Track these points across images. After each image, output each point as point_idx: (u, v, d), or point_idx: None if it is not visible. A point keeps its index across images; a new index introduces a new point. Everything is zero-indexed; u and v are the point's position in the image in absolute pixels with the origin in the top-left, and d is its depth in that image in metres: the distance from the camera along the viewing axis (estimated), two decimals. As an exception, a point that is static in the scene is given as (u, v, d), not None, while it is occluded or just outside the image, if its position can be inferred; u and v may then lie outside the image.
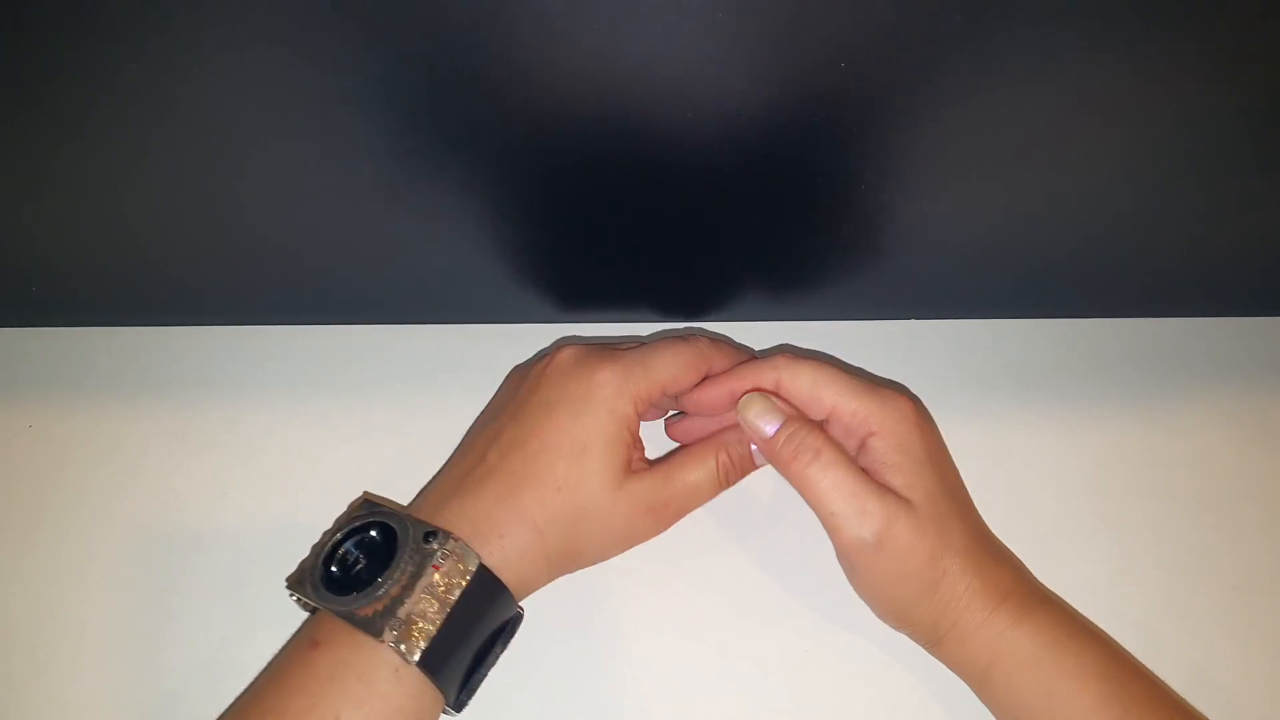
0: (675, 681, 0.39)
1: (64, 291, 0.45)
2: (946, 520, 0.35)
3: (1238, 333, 0.47)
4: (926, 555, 0.34)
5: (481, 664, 0.35)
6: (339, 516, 0.37)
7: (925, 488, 0.35)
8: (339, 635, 0.32)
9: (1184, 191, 0.39)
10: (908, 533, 0.34)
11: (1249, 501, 0.43)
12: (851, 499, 0.34)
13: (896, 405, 0.36)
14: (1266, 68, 0.33)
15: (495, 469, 0.36)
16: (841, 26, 0.31)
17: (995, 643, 0.34)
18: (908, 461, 0.35)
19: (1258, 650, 0.39)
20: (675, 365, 0.38)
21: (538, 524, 0.35)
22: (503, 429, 0.37)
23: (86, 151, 0.36)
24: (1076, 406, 0.45)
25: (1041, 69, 0.33)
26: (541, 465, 0.35)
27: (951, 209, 0.40)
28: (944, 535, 0.35)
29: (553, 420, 0.36)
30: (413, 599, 0.32)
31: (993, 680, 0.35)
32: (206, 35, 0.31)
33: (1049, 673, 0.34)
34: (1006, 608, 0.35)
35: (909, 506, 0.35)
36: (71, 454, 0.44)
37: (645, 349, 0.38)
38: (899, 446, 0.36)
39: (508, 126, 0.35)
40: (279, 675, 0.33)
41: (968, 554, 0.35)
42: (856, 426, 0.36)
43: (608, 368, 0.37)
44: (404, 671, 0.32)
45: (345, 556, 0.34)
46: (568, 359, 0.38)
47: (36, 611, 0.40)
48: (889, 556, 0.34)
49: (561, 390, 0.37)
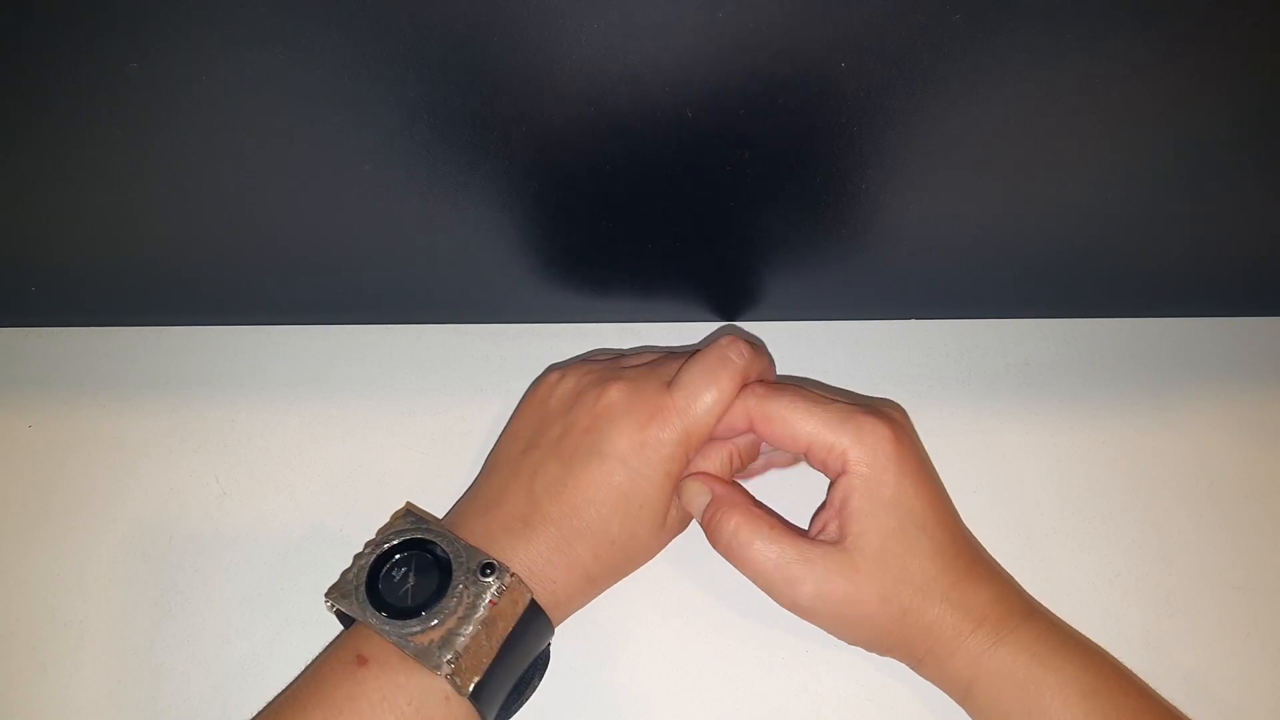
0: (675, 682, 0.39)
1: (64, 291, 0.45)
2: (905, 559, 0.35)
3: (1238, 333, 0.47)
4: (874, 600, 0.34)
5: (519, 692, 0.36)
6: (381, 527, 0.37)
7: (880, 533, 0.35)
8: (391, 658, 0.32)
9: (1184, 191, 0.39)
10: (844, 585, 0.34)
11: (1249, 501, 0.43)
12: (775, 570, 0.35)
13: (873, 439, 0.35)
14: (1266, 68, 0.33)
15: (547, 515, 0.35)
16: (841, 26, 0.31)
17: (974, 664, 0.34)
18: (869, 505, 0.35)
19: (1258, 650, 0.39)
20: (724, 402, 0.37)
21: (590, 573, 0.36)
22: (549, 468, 0.36)
23: (86, 151, 0.36)
24: (1076, 406, 0.45)
25: (1041, 68, 0.33)
26: (596, 519, 0.35)
27: (951, 209, 0.40)
28: (899, 576, 0.34)
29: (608, 476, 0.36)
30: (470, 632, 0.33)
31: (975, 700, 0.35)
32: (205, 34, 0.31)
33: (1030, 691, 0.33)
34: (984, 629, 0.34)
35: (849, 559, 0.34)
36: (71, 454, 0.44)
37: (692, 387, 0.37)
38: (867, 490, 0.35)
39: (507, 126, 0.35)
40: (324, 686, 0.32)
41: (931, 587, 0.35)
42: (832, 462, 0.36)
43: (667, 428, 0.36)
44: (454, 701, 0.32)
45: (391, 572, 0.34)
46: (619, 403, 0.36)
47: (36, 611, 0.40)
48: (831, 609, 0.35)
49: (614, 444, 0.36)
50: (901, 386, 0.45)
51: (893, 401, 0.44)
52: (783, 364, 0.46)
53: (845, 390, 0.45)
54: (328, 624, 0.36)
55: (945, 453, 0.41)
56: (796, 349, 0.47)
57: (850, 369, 0.46)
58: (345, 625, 0.35)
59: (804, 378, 0.46)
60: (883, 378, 0.46)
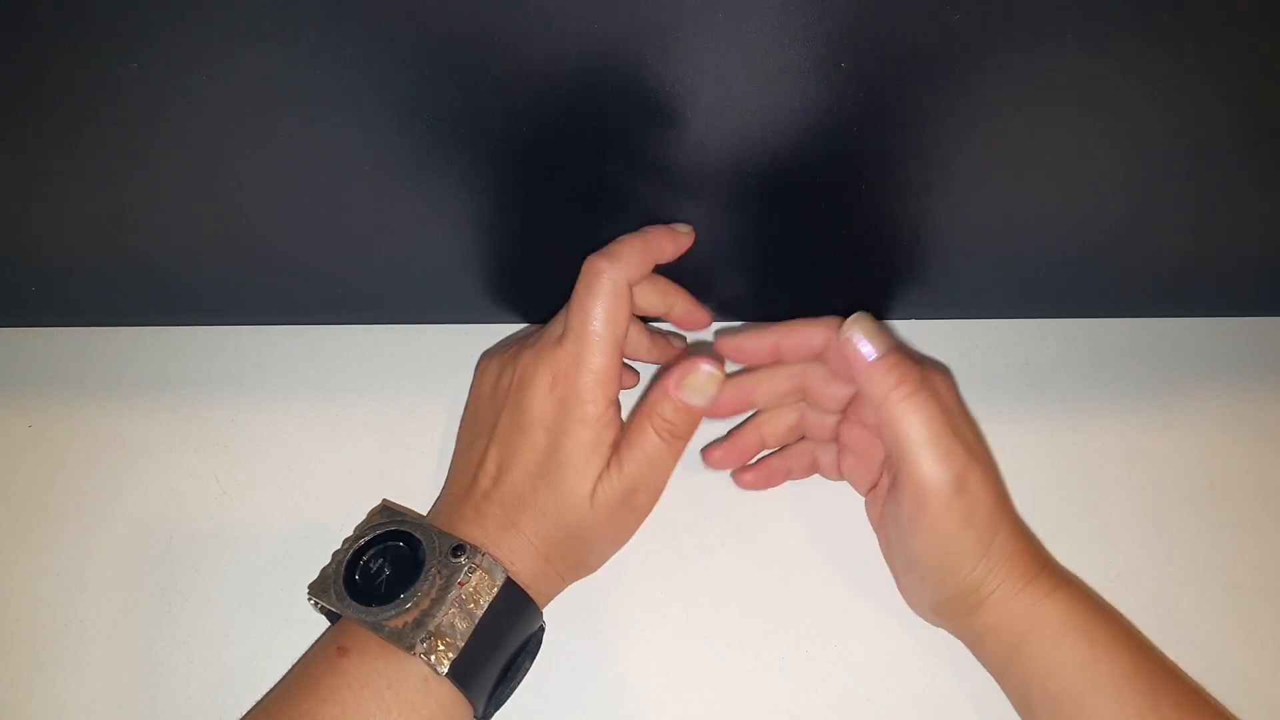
0: (675, 683, 0.39)
1: (64, 291, 0.45)
2: (1001, 485, 0.37)
3: (1238, 333, 0.47)
4: (990, 510, 0.35)
5: (510, 677, 0.36)
6: (359, 523, 0.37)
7: (985, 453, 0.36)
8: (370, 645, 0.33)
9: (1185, 192, 0.39)
10: (981, 483, 0.35)
11: (1250, 501, 0.43)
12: (941, 439, 0.34)
13: (941, 372, 0.38)
14: (1267, 68, 0.33)
15: (490, 495, 0.36)
16: (841, 26, 0.31)
17: (1032, 610, 0.35)
18: (965, 422, 0.36)
19: (1258, 650, 0.39)
20: (611, 327, 0.36)
21: (540, 550, 0.36)
22: (486, 451, 0.37)
23: (86, 151, 0.36)
24: (1076, 406, 0.45)
25: (1041, 69, 0.33)
26: (526, 493, 0.36)
27: (952, 210, 0.40)
28: (1002, 498, 0.36)
29: (532, 445, 0.36)
30: (442, 612, 0.33)
31: (1027, 650, 0.35)
32: (205, 35, 0.31)
33: (1085, 643, 0.34)
34: (1044, 577, 0.36)
35: (981, 459, 0.35)
36: (71, 454, 0.44)
37: (574, 329, 0.36)
38: (955, 408, 0.36)
39: (508, 126, 0.35)
40: (309, 680, 0.33)
41: (1015, 520, 0.37)
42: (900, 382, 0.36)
43: (569, 377, 0.36)
44: (433, 682, 0.32)
45: (369, 565, 0.35)
46: (527, 372, 0.37)
47: (36, 611, 0.40)
48: (962, 503, 0.34)
49: (530, 412, 0.36)
50: (901, 386, 0.45)
51: None
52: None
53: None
54: (327, 624, 0.36)
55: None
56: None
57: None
58: (332, 622, 0.36)
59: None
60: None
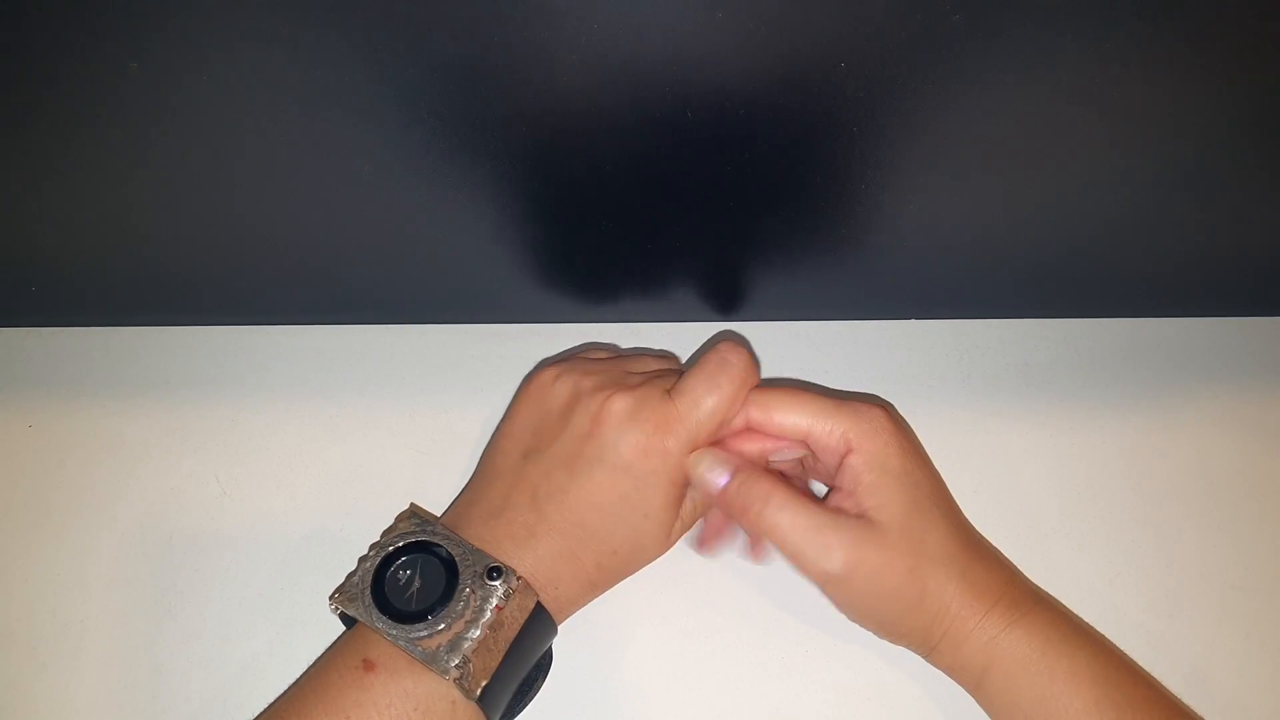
0: (675, 683, 0.39)
1: (64, 291, 0.45)
2: (924, 533, 0.35)
3: (1238, 333, 0.47)
4: (902, 571, 0.34)
5: (524, 693, 0.36)
6: (386, 529, 0.36)
7: (899, 503, 0.35)
8: (398, 662, 0.32)
9: (1184, 191, 0.39)
10: (875, 555, 0.34)
11: (1249, 501, 0.43)
12: (811, 535, 0.34)
13: (870, 419, 0.36)
14: (1267, 68, 0.33)
15: (551, 521, 0.35)
16: (841, 26, 0.31)
17: (989, 648, 0.34)
18: (882, 479, 0.35)
19: (1258, 650, 0.39)
20: (726, 408, 0.36)
21: (592, 579, 0.36)
22: (553, 475, 0.36)
23: (86, 151, 0.36)
24: (1076, 406, 0.45)
25: (1041, 69, 0.33)
26: (601, 528, 0.35)
27: (951, 209, 0.40)
28: (920, 549, 0.35)
29: (613, 485, 0.35)
30: (477, 636, 0.32)
31: (989, 685, 0.35)
32: (205, 34, 0.31)
33: (1043, 676, 0.34)
34: (998, 612, 0.35)
35: (876, 529, 0.34)
36: (71, 454, 0.44)
37: (695, 395, 0.36)
38: (874, 463, 0.36)
39: (508, 126, 0.35)
40: (330, 691, 0.32)
41: (950, 562, 0.35)
42: (834, 445, 0.36)
43: (672, 436, 0.36)
44: (460, 705, 0.32)
45: (396, 574, 0.34)
46: (623, 411, 0.36)
47: (36, 611, 0.40)
48: (861, 581, 0.34)
49: (619, 453, 0.35)
50: (901, 386, 0.45)
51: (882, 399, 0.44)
52: (783, 364, 0.46)
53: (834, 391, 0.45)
54: (328, 624, 0.36)
55: (945, 453, 0.41)
56: (797, 349, 0.47)
57: (850, 369, 0.46)
58: (348, 626, 0.35)
59: (803, 380, 0.46)
60: (883, 378, 0.46)
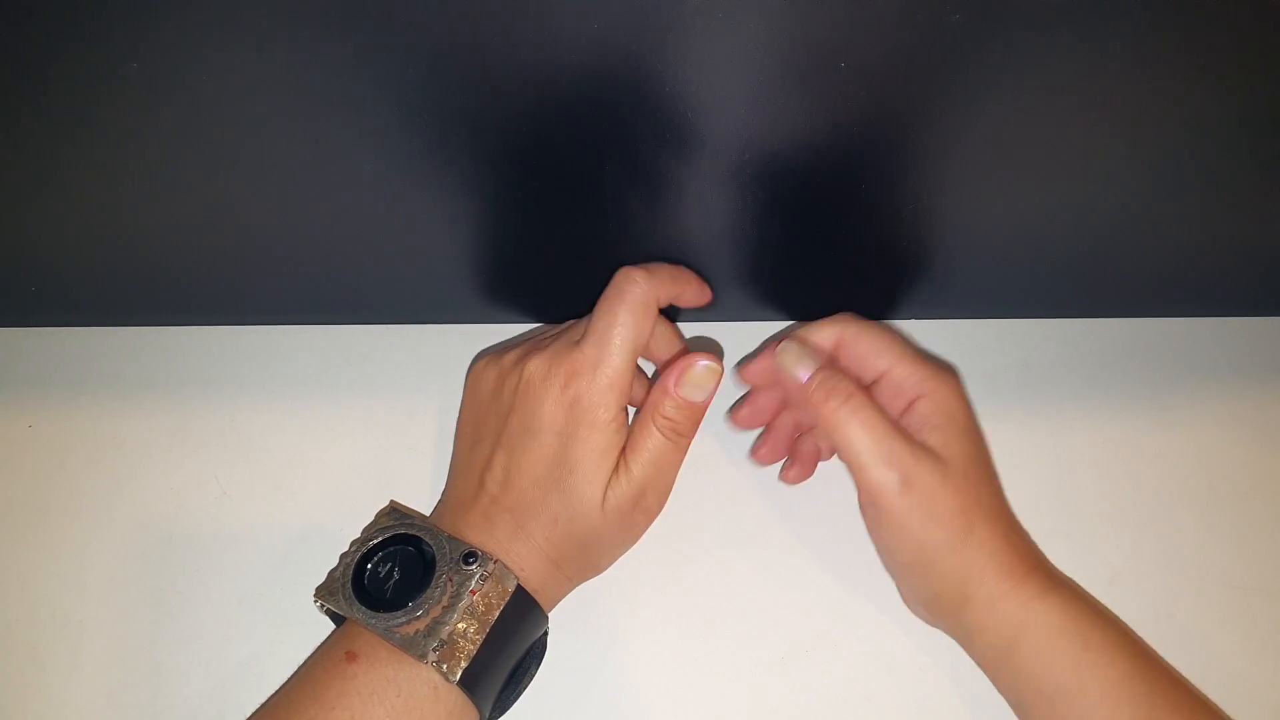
0: (675, 683, 0.39)
1: (64, 291, 0.45)
2: (979, 484, 0.36)
3: (1238, 333, 0.47)
4: (955, 504, 0.35)
5: (516, 681, 0.36)
6: (367, 525, 0.37)
7: (962, 450, 0.36)
8: (379, 651, 0.33)
9: (1184, 192, 0.39)
10: (934, 479, 0.35)
11: (1250, 501, 0.43)
12: (881, 441, 0.35)
13: (948, 376, 0.38)
14: (1267, 68, 0.33)
15: (498, 501, 0.36)
16: (841, 26, 0.31)
17: (1023, 611, 0.34)
18: (950, 425, 0.36)
19: (1259, 650, 0.39)
20: (634, 336, 0.36)
21: (550, 556, 0.36)
22: (492, 455, 0.37)
23: (86, 151, 0.36)
24: (1077, 406, 0.45)
25: (1041, 69, 0.33)
26: (536, 498, 0.36)
27: (951, 209, 0.40)
28: (974, 494, 0.35)
29: (542, 449, 0.36)
30: (454, 619, 0.33)
31: (1019, 651, 0.34)
32: (205, 34, 0.31)
33: (1078, 644, 0.34)
34: (1035, 577, 0.35)
35: (940, 460, 0.35)
36: (71, 454, 0.44)
37: (597, 332, 0.36)
38: (944, 411, 0.36)
39: (508, 127, 0.35)
40: (317, 685, 0.33)
41: (998, 518, 0.36)
42: (907, 389, 0.37)
43: (584, 380, 0.36)
44: (443, 690, 0.32)
45: (377, 568, 0.34)
46: (537, 374, 0.36)
47: (36, 611, 0.40)
48: (914, 499, 0.34)
49: (540, 416, 0.36)
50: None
51: None
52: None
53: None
54: (327, 624, 0.36)
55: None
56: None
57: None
58: (337, 624, 0.36)
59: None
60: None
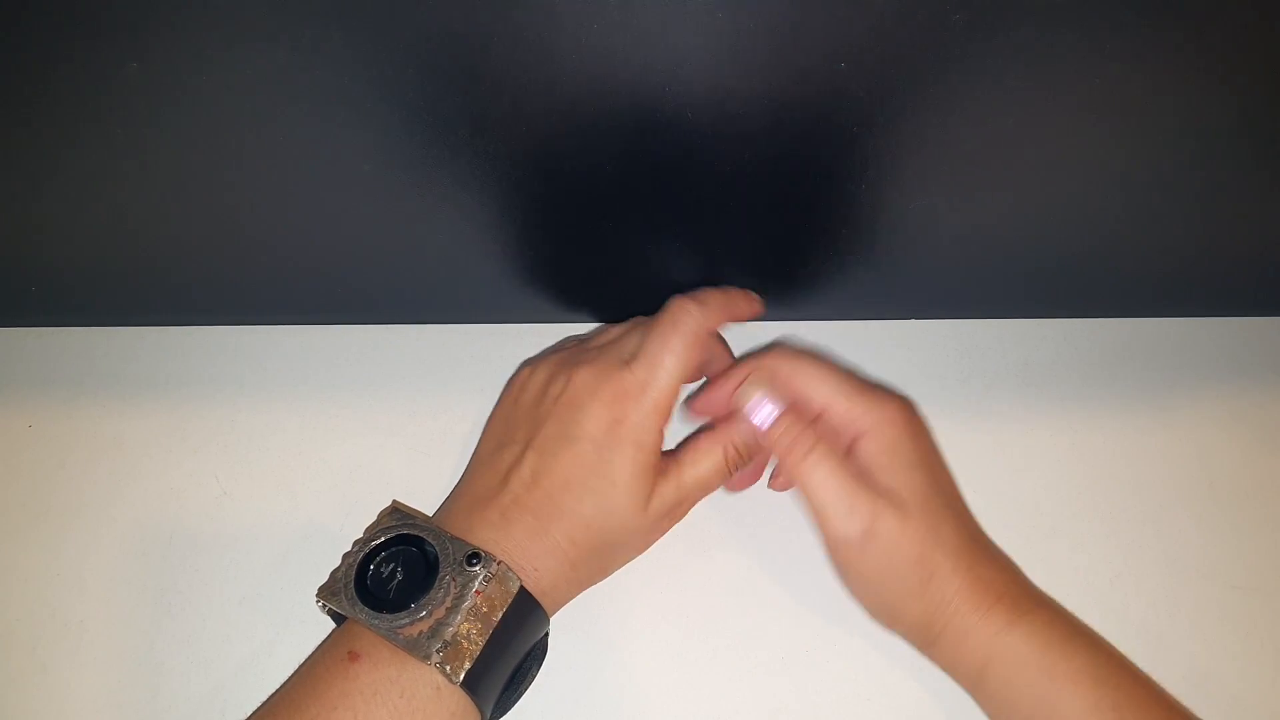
0: (675, 683, 0.39)
1: (64, 291, 0.45)
2: (937, 520, 0.35)
3: (1238, 333, 0.47)
4: (915, 553, 0.35)
5: (518, 682, 0.36)
6: (369, 525, 0.37)
7: (914, 488, 0.35)
8: (381, 651, 0.33)
9: (1185, 191, 0.39)
10: (894, 530, 0.34)
11: (1250, 501, 0.43)
12: (841, 495, 0.35)
13: (887, 407, 0.37)
14: (1267, 68, 0.33)
15: (521, 501, 0.36)
16: (841, 26, 0.31)
17: (989, 645, 0.34)
18: (896, 463, 0.36)
19: (1259, 650, 0.39)
20: (685, 365, 0.37)
21: (569, 557, 0.36)
22: (522, 457, 0.37)
23: (86, 151, 0.36)
24: (1077, 406, 0.45)
25: (1041, 69, 0.33)
26: (569, 502, 0.35)
27: (952, 209, 0.40)
28: (934, 534, 0.35)
29: (578, 457, 0.36)
30: (457, 621, 0.33)
31: (987, 683, 0.35)
32: (205, 34, 0.31)
33: (1044, 676, 0.34)
34: (1000, 609, 0.35)
35: (897, 506, 0.35)
36: (71, 454, 0.44)
37: (649, 357, 0.37)
38: (887, 448, 0.36)
39: (507, 126, 0.35)
40: (319, 685, 0.33)
41: (959, 554, 0.35)
42: (846, 427, 0.37)
43: (631, 402, 0.36)
44: (446, 690, 0.32)
45: (380, 568, 0.34)
46: (583, 387, 0.37)
47: (36, 611, 0.40)
48: (876, 552, 0.35)
49: (583, 427, 0.36)
50: (901, 386, 0.45)
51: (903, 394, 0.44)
52: (783, 364, 0.46)
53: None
54: (327, 624, 0.36)
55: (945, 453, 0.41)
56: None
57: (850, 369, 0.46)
58: (338, 624, 0.35)
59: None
60: (883, 378, 0.46)
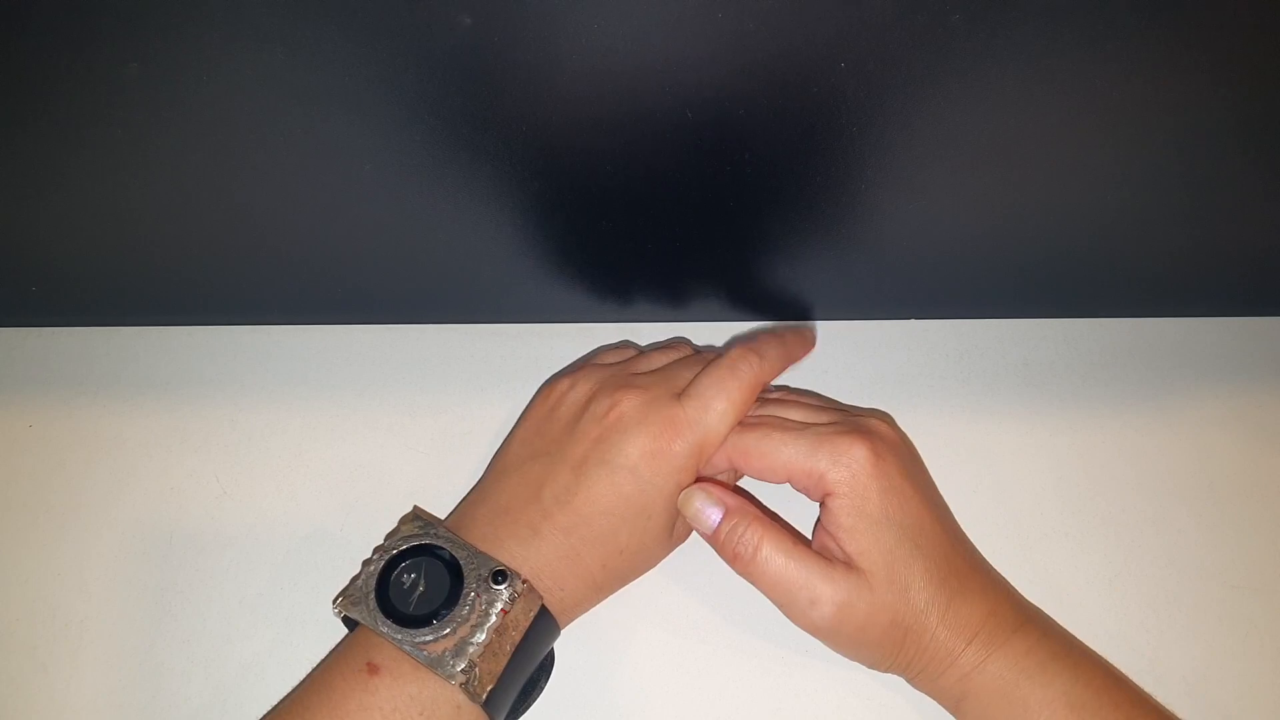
0: (675, 683, 0.39)
1: (64, 291, 0.45)
2: (906, 579, 0.35)
3: (1238, 333, 0.47)
4: (885, 620, 0.35)
5: (527, 694, 0.36)
6: (389, 533, 0.36)
7: (881, 550, 0.35)
8: (403, 666, 0.32)
9: (1184, 191, 0.39)
10: (862, 606, 0.34)
11: (1249, 500, 0.43)
12: (799, 589, 0.35)
13: (848, 459, 0.36)
14: (1267, 68, 0.33)
15: (555, 521, 0.35)
16: (841, 26, 0.31)
17: (964, 681, 0.35)
18: (862, 524, 0.35)
19: (1259, 650, 0.39)
20: (736, 412, 0.37)
21: (597, 581, 0.36)
22: (559, 477, 0.36)
23: (86, 151, 0.36)
24: (1076, 406, 0.45)
25: (1041, 68, 0.33)
26: (606, 529, 0.35)
27: (951, 209, 0.40)
28: (903, 597, 0.35)
29: (619, 486, 0.35)
30: (482, 640, 0.32)
31: (965, 714, 0.35)
32: (205, 35, 0.31)
33: (1017, 706, 0.34)
34: (975, 646, 0.35)
35: (862, 578, 0.35)
36: (71, 454, 0.44)
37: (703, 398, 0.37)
38: (853, 508, 0.35)
39: (508, 126, 0.35)
40: (335, 695, 0.32)
41: (930, 607, 0.35)
42: (813, 488, 0.36)
43: (679, 439, 0.36)
44: (466, 709, 0.32)
45: (401, 578, 0.34)
46: (631, 413, 0.36)
47: (36, 611, 0.40)
48: (848, 631, 0.35)
49: (626, 455, 0.36)
50: (901, 386, 0.45)
51: (881, 412, 0.43)
52: (783, 364, 0.46)
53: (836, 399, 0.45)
54: (328, 625, 0.36)
55: (944, 453, 0.41)
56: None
57: (850, 369, 0.46)
58: (350, 629, 0.35)
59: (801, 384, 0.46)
60: (883, 378, 0.46)
